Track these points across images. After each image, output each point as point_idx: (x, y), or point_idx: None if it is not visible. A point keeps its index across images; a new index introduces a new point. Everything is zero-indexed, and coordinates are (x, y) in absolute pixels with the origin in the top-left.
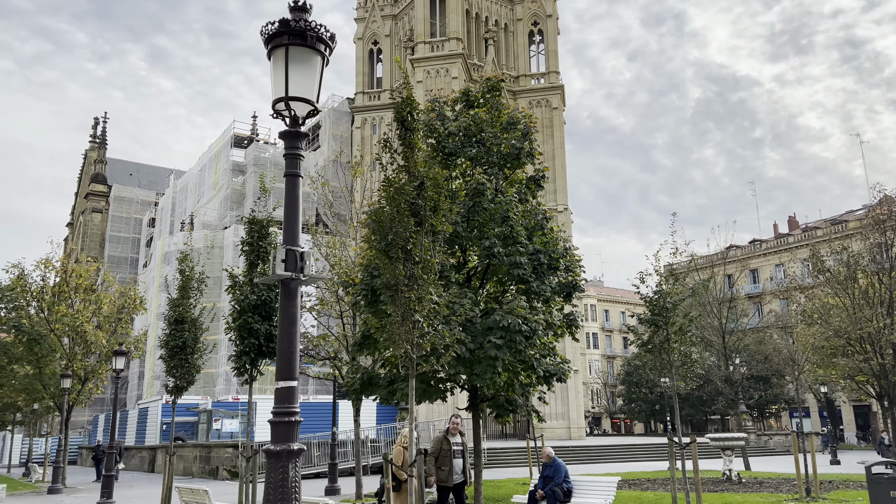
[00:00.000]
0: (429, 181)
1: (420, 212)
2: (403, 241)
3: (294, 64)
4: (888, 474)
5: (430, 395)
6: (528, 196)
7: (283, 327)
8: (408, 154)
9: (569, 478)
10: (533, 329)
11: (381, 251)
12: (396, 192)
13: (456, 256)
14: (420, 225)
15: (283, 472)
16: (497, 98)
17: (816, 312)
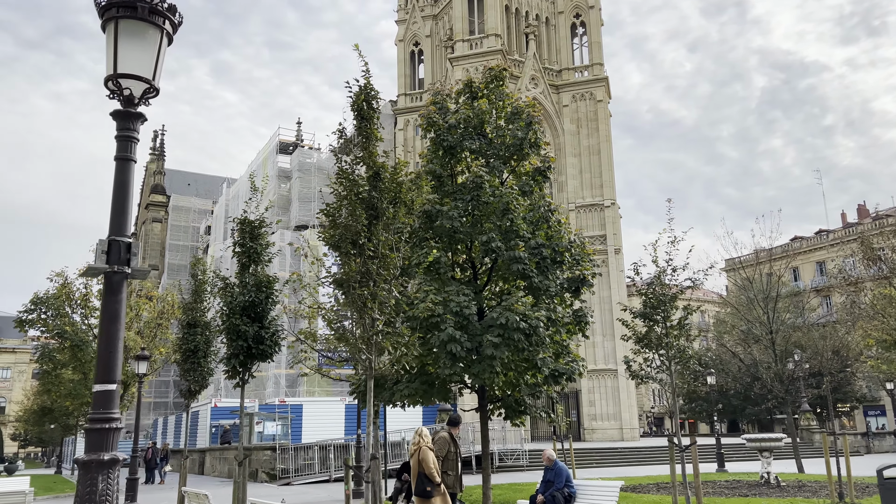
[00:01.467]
0: (385, 172)
1: (376, 204)
2: (353, 235)
3: (125, 38)
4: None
5: (432, 397)
6: (535, 188)
7: (103, 325)
8: (366, 144)
9: (571, 482)
10: (533, 326)
11: (332, 246)
12: (349, 183)
13: (458, 253)
14: (376, 218)
15: (92, 485)
16: (500, 88)
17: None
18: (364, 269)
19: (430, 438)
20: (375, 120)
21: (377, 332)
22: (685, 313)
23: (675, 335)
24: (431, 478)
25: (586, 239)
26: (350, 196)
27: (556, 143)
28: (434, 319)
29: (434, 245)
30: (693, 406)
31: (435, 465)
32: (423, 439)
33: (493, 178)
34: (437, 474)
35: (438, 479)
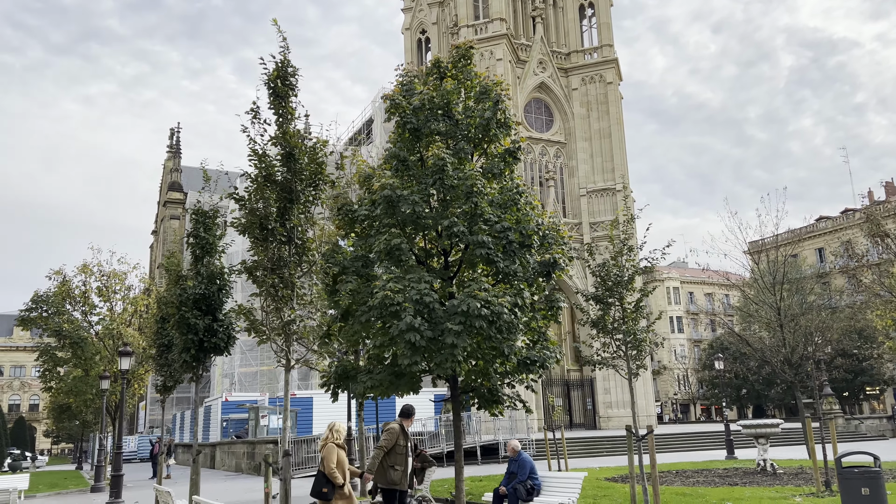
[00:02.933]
0: (301, 152)
1: (291, 186)
2: (262, 219)
3: None
4: (860, 468)
5: (398, 388)
6: (506, 170)
7: None
8: (281, 123)
9: (535, 474)
10: (496, 313)
11: (241, 231)
12: (260, 163)
13: (427, 240)
14: (291, 202)
15: None
16: (468, 67)
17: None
18: (276, 255)
19: (341, 433)
20: (293, 97)
21: (289, 322)
22: (641, 295)
23: (632, 318)
24: (331, 478)
25: (562, 222)
26: (258, 178)
27: (566, 127)
28: (393, 308)
29: (395, 231)
30: (716, 392)
31: (342, 466)
32: (331, 434)
33: (456, 160)
34: (339, 475)
35: (340, 481)
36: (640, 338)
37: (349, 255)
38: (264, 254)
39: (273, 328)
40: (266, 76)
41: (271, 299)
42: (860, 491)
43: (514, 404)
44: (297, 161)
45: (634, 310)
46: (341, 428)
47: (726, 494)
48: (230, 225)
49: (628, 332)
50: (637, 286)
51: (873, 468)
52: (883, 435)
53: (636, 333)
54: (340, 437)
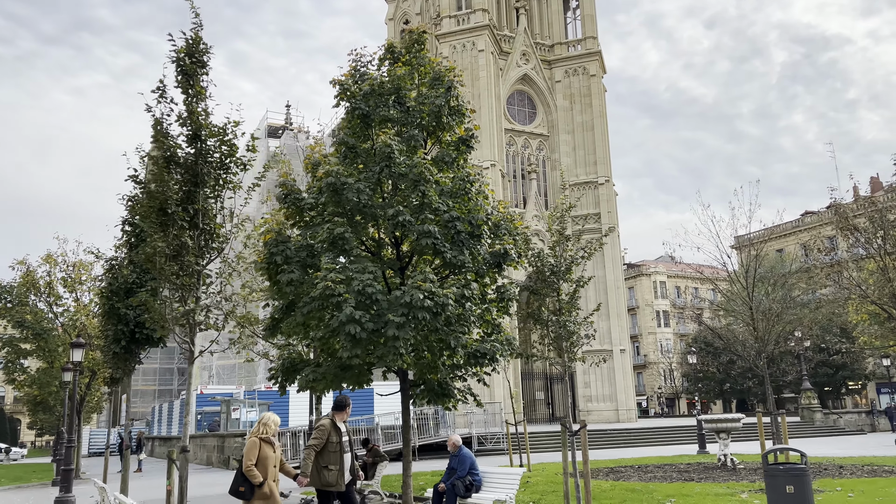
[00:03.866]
0: (208, 132)
1: (197, 168)
2: (161, 203)
3: None
4: (785, 465)
5: (343, 381)
6: (460, 158)
7: None
8: (189, 102)
9: (476, 469)
10: (440, 304)
11: (141, 216)
12: (162, 142)
13: (379, 230)
14: (196, 185)
15: None
16: (421, 53)
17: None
18: (178, 241)
19: (270, 427)
20: (203, 76)
21: (190, 312)
22: (575, 286)
23: (567, 310)
24: (248, 476)
25: (517, 212)
26: (158, 159)
27: (549, 119)
28: (334, 299)
29: (339, 220)
30: (700, 386)
31: (265, 463)
32: (259, 428)
33: (406, 147)
34: (258, 474)
35: (257, 479)
36: (571, 330)
37: (295, 244)
38: (164, 240)
39: (174, 319)
40: (175, 53)
41: (174, 289)
42: (785, 489)
43: (465, 398)
44: (204, 142)
45: (569, 301)
46: (271, 420)
47: (676, 490)
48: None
49: (559, 324)
50: (575, 277)
51: (799, 465)
52: (861, 429)
53: (566, 325)
54: (269, 431)
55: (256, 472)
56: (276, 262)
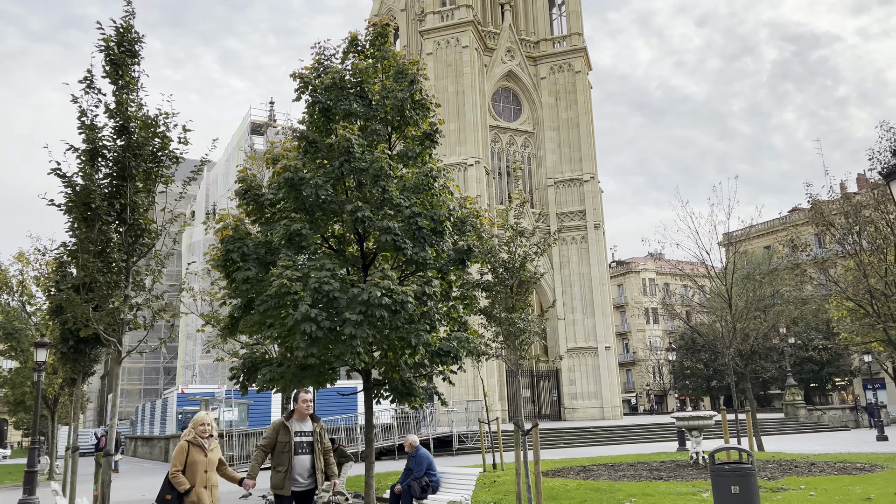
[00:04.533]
0: (135, 123)
1: (125, 161)
2: (85, 198)
3: None
4: (731, 465)
5: (302, 380)
6: (425, 153)
7: None
8: (118, 93)
9: (434, 470)
10: (399, 302)
11: (66, 211)
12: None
13: (339, 226)
14: (124, 179)
15: None
16: (385, 45)
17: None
18: (104, 237)
19: (204, 428)
20: (134, 66)
21: (115, 310)
22: (527, 283)
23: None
24: (175, 483)
25: (484, 207)
26: (84, 153)
27: (535, 116)
28: (289, 297)
29: (296, 217)
30: (687, 383)
31: (194, 468)
32: (189, 430)
33: (366, 142)
34: (184, 480)
35: (183, 486)
36: (520, 327)
37: (253, 242)
38: (87, 235)
39: (98, 317)
40: (103, 42)
41: (99, 285)
42: (730, 489)
43: (429, 397)
44: (132, 134)
45: (522, 297)
46: (203, 420)
47: (640, 490)
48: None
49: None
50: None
51: (745, 465)
52: (846, 426)
53: (515, 322)
54: (203, 433)
55: (182, 479)
56: (232, 259)
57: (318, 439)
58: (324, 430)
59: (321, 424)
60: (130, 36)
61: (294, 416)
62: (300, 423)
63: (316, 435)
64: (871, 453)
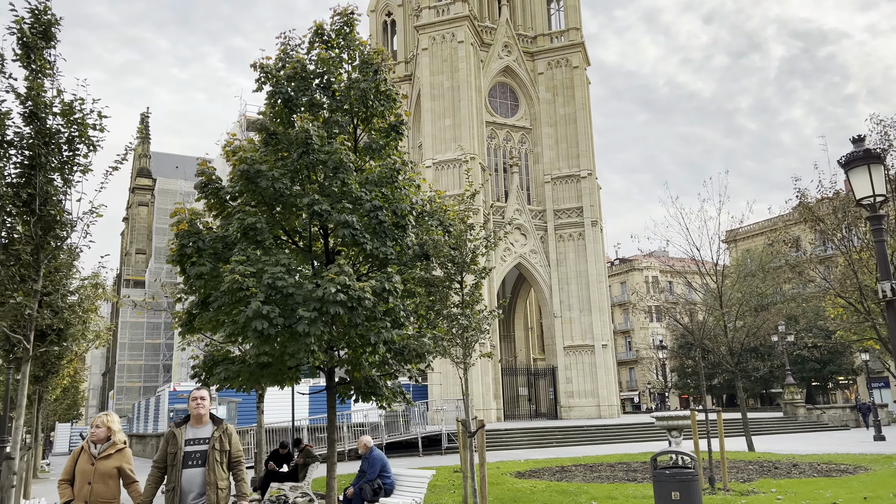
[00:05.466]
0: (48, 109)
1: (35, 150)
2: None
3: None
4: (673, 469)
5: (260, 379)
6: (391, 145)
7: None
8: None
9: (388, 472)
10: (356, 298)
11: None
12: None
13: (293, 222)
14: (34, 168)
15: None
16: (350, 35)
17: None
18: (10, 229)
19: (97, 431)
20: (49, 50)
21: (21, 306)
22: (478, 278)
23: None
24: (59, 493)
25: (448, 199)
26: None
27: (532, 112)
28: (242, 293)
29: (251, 210)
30: (689, 382)
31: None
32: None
33: (327, 133)
34: (63, 492)
35: (62, 499)
36: (465, 324)
37: (209, 236)
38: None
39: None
40: (15, 24)
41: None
42: (670, 495)
43: (394, 396)
44: (44, 121)
45: (471, 294)
46: (95, 420)
47: (607, 492)
48: None
49: (453, 318)
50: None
51: (687, 470)
52: (846, 425)
53: (459, 319)
54: (94, 436)
55: (62, 491)
56: (186, 253)
57: (216, 447)
58: (229, 435)
59: (225, 428)
60: (46, 18)
61: (189, 421)
62: (196, 429)
63: (214, 441)
64: (861, 454)
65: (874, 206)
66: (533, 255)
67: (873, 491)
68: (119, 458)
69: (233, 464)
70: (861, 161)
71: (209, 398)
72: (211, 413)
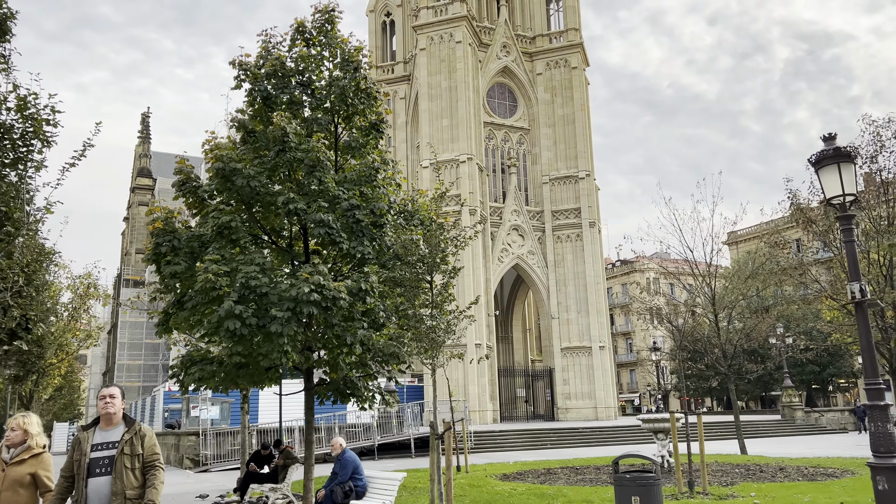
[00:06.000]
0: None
1: None
2: None
3: None
4: (634, 473)
5: (235, 380)
6: (372, 142)
7: None
8: None
9: (360, 474)
10: (331, 298)
11: None
12: None
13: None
14: None
15: None
16: (331, 32)
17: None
18: None
19: (11, 435)
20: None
21: None
22: (447, 277)
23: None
24: None
25: (427, 198)
26: None
27: (530, 113)
28: (215, 293)
29: (226, 209)
30: (689, 384)
31: None
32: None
33: (303, 131)
34: None
35: None
36: (431, 324)
37: (185, 235)
38: None
39: None
40: None
41: None
42: (630, 499)
43: (373, 398)
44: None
45: (441, 294)
46: (16, 424)
47: (586, 495)
48: None
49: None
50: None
51: (647, 475)
52: (844, 428)
53: (424, 319)
54: (7, 440)
55: None
56: (160, 252)
57: (125, 451)
58: (142, 437)
59: (138, 429)
60: (2, 11)
61: (99, 423)
62: (105, 432)
63: (123, 445)
64: (853, 458)
65: (844, 205)
66: (531, 255)
67: (853, 496)
68: (34, 463)
69: (146, 468)
70: (831, 160)
71: (121, 396)
72: (125, 413)
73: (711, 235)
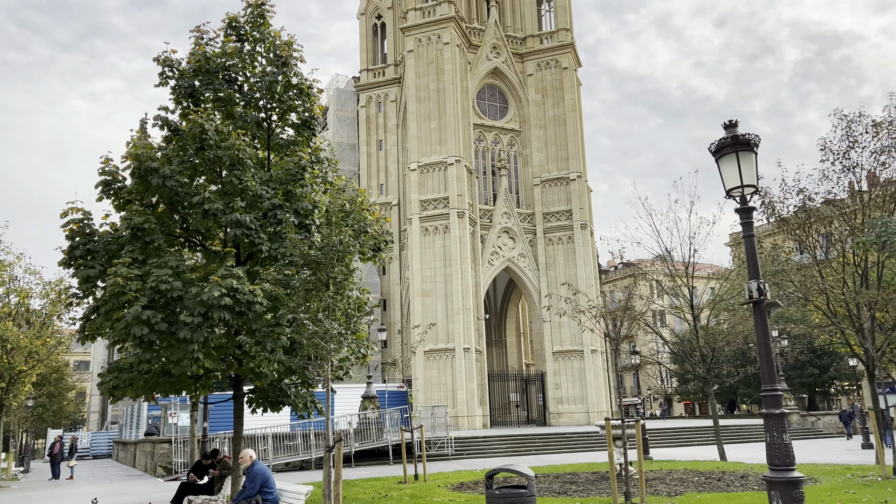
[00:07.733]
0: None
1: None
2: None
3: None
4: (507, 489)
5: (161, 388)
6: (304, 141)
7: None
8: None
9: (270, 487)
10: (245, 303)
11: None
12: None
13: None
14: None
15: None
16: (263, 27)
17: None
18: None
19: None
20: None
21: None
22: (341, 277)
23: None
24: None
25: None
26: None
27: (521, 114)
28: (124, 297)
29: (139, 209)
30: (688, 387)
31: None
32: None
33: (226, 128)
34: None
35: None
36: (333, 333)
37: (103, 238)
38: None
39: None
40: None
41: None
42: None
43: (303, 404)
44: None
45: (336, 294)
46: None
47: None
48: None
49: (315, 321)
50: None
51: (521, 490)
52: (841, 432)
53: (321, 322)
54: None
55: None
56: (74, 255)
57: None
58: None
59: None
60: None
61: None
62: None
63: None
64: (829, 464)
65: (744, 197)
66: (521, 258)
67: None
68: None
69: None
70: (729, 148)
71: None
72: None
73: (689, 236)
